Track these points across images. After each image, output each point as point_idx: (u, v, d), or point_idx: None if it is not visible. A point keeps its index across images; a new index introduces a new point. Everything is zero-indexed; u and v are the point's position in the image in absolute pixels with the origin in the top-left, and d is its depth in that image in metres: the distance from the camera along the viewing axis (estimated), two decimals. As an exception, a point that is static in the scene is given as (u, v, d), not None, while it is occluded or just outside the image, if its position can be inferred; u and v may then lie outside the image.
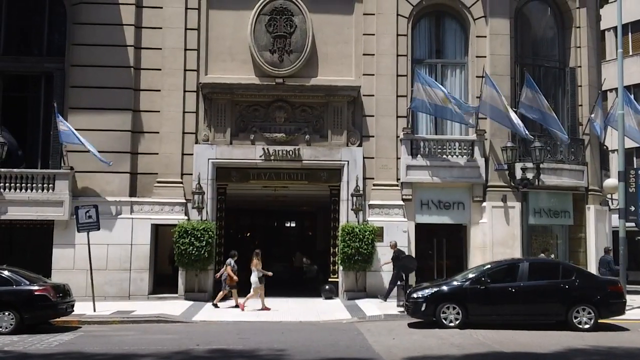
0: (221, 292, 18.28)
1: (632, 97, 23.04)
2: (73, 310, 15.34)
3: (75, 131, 18.56)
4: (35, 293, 14.17)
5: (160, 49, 20.08)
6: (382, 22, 20.57)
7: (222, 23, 20.46)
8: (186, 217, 19.44)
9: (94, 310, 16.65)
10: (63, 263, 18.82)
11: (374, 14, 20.63)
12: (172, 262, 20.10)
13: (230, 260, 18.38)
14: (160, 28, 20.12)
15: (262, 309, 17.48)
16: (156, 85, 19.99)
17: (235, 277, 18.12)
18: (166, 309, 17.07)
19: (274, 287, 20.29)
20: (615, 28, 24.72)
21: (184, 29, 20.14)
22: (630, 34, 33.63)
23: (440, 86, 19.70)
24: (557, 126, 19.74)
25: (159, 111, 19.91)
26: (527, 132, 19.22)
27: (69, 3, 20.08)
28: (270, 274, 18.13)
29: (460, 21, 21.32)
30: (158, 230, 19.94)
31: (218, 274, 18.69)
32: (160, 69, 20.02)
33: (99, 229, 17.44)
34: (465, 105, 19.82)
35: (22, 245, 19.38)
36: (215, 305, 18.00)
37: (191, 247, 18.58)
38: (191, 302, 18.51)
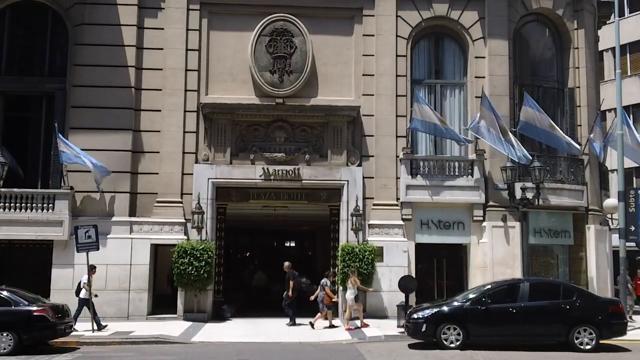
0: (319, 314, 18.33)
1: (630, 118, 23.14)
2: (72, 331, 15.28)
3: (75, 148, 18.64)
4: (34, 314, 14.09)
5: (161, 69, 20.20)
6: (381, 43, 20.72)
7: (223, 44, 20.61)
8: (186, 237, 19.40)
9: (93, 331, 16.56)
10: (62, 283, 18.72)
11: (373, 35, 20.79)
12: (171, 283, 20.02)
13: (326, 281, 18.43)
14: (162, 49, 20.27)
15: (353, 328, 17.49)
16: (157, 105, 20.08)
17: (334, 298, 18.22)
18: (165, 330, 16.97)
19: (273, 307, 20.20)
20: (613, 49, 24.91)
21: (184, 49, 20.28)
22: (628, 54, 33.87)
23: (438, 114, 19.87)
24: (561, 143, 19.79)
25: (159, 131, 19.98)
26: (522, 153, 19.16)
27: (71, 24, 20.24)
28: (371, 289, 18.44)
29: (459, 42, 21.47)
30: (157, 250, 19.88)
31: (312, 296, 18.70)
32: (161, 89, 20.12)
33: (98, 249, 17.40)
34: (462, 137, 19.99)
35: (21, 265, 19.29)
36: (312, 325, 18.09)
37: (190, 267, 18.51)
38: (190, 323, 18.39)
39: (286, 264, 19.08)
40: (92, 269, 17.34)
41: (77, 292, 17.27)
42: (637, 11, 34.75)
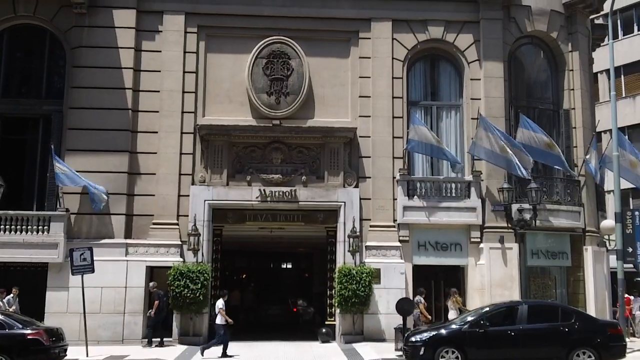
0: None
1: (626, 137, 23.27)
2: (66, 355, 15.09)
3: (72, 171, 18.62)
4: (28, 337, 13.96)
5: (159, 91, 20.25)
6: (377, 65, 20.84)
7: (220, 66, 20.71)
8: (181, 259, 19.28)
9: (87, 355, 16.38)
10: (56, 306, 18.56)
11: (369, 58, 20.91)
12: (166, 305, 19.83)
13: (420, 298, 18.30)
14: (159, 71, 20.34)
15: None
16: (154, 127, 20.10)
17: (428, 316, 18.05)
18: (160, 354, 16.79)
19: (270, 330, 20.04)
20: (607, 71, 25.10)
21: (182, 72, 20.35)
22: (622, 76, 34.15)
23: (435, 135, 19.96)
24: (558, 162, 19.87)
25: (155, 153, 19.96)
26: (523, 171, 19.18)
27: (68, 47, 20.33)
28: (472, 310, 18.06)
29: (454, 64, 21.62)
30: (153, 273, 19.71)
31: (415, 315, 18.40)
32: (158, 111, 20.15)
33: (93, 272, 17.26)
34: (457, 160, 20.09)
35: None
36: None
37: (186, 290, 18.36)
38: (186, 347, 18.19)
39: (151, 284, 18.55)
40: (224, 295, 17.39)
41: (214, 319, 17.10)
42: (630, 33, 35.15)
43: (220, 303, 17.04)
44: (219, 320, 16.90)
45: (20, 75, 21.09)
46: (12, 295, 17.82)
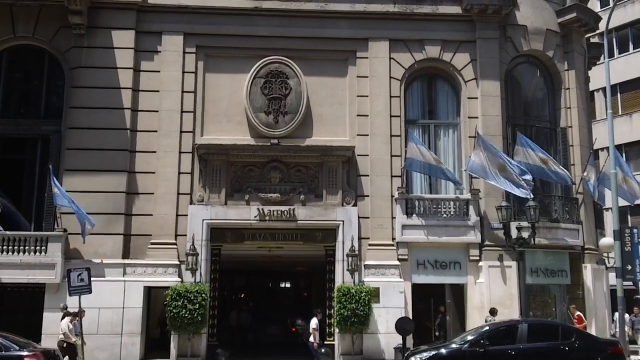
0: None
1: (622, 156, 23.34)
2: (62, 377, 14.96)
3: (65, 193, 18.58)
4: (25, 359, 13.84)
5: (157, 111, 20.30)
6: (375, 85, 20.95)
7: (219, 86, 20.81)
8: (180, 279, 19.20)
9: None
10: (54, 327, 18.26)
11: (367, 77, 21.02)
12: (163, 326, 19.72)
13: (490, 317, 18.11)
14: (158, 91, 20.41)
15: None
16: (152, 146, 20.12)
17: None
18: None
19: (268, 350, 19.91)
20: (604, 89, 25.27)
21: (180, 91, 20.43)
22: (619, 94, 34.41)
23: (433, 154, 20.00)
24: (555, 176, 19.90)
25: (154, 172, 19.96)
26: (517, 190, 19.16)
27: (67, 67, 20.41)
28: None
29: (451, 83, 21.74)
30: (151, 293, 19.64)
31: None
32: (156, 131, 20.19)
33: (90, 292, 17.09)
34: (457, 179, 20.10)
35: (13, 308, 18.99)
36: None
37: (184, 310, 18.24)
38: (183, 368, 18.08)
39: (62, 305, 17.87)
40: (318, 314, 17.21)
41: (307, 338, 16.95)
42: (626, 52, 35.48)
43: (314, 322, 16.86)
44: (312, 339, 16.79)
45: (19, 95, 21.13)
46: (78, 318, 17.58)
